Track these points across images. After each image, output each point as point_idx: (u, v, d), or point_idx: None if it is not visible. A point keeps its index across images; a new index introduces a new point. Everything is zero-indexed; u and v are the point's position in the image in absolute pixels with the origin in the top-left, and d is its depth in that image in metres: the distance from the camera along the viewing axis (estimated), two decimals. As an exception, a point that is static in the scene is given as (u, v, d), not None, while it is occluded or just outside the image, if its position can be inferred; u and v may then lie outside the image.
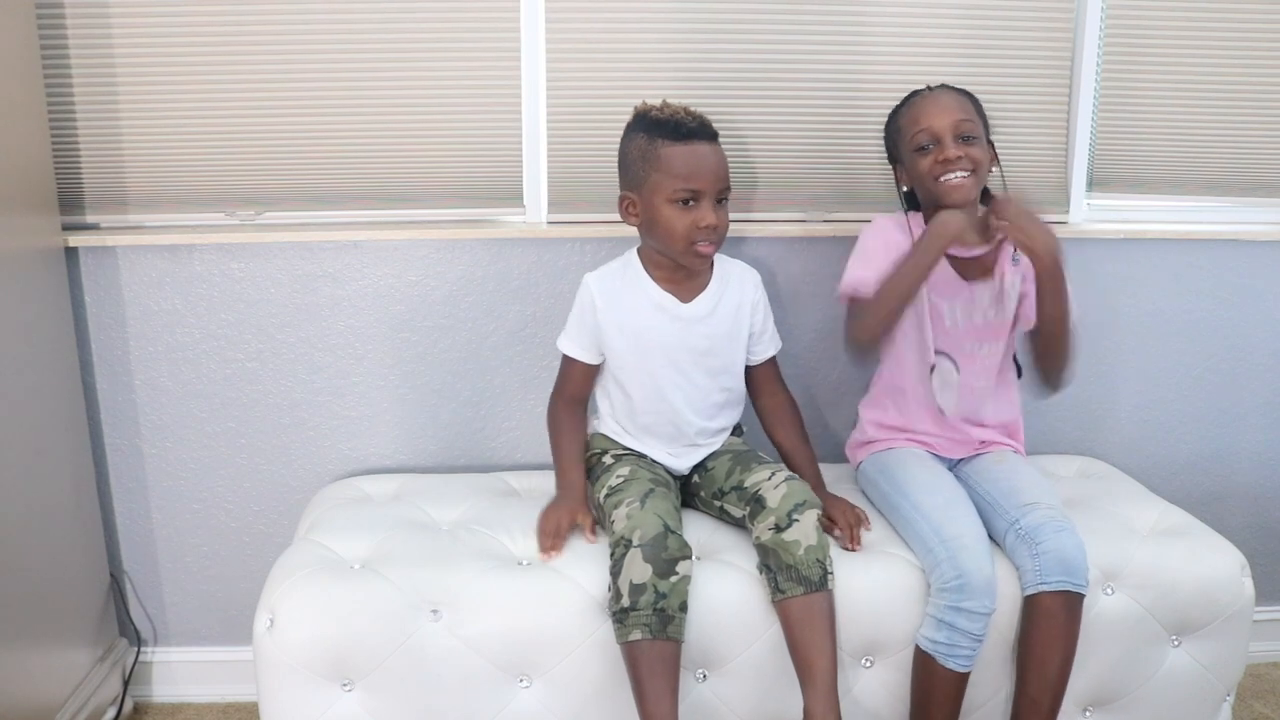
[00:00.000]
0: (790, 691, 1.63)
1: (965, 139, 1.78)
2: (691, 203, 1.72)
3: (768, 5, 2.04)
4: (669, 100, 1.78)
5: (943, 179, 1.78)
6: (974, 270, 1.88)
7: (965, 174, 1.78)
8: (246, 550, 2.16)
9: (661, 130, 1.73)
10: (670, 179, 1.72)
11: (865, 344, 1.80)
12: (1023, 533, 1.69)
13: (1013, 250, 1.83)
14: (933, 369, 1.89)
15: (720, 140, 1.78)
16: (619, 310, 1.81)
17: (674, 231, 1.73)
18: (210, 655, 2.20)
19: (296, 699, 1.62)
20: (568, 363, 1.87)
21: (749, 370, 1.91)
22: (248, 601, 2.14)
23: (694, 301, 1.83)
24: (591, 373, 1.87)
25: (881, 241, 1.86)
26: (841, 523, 1.77)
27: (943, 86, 1.84)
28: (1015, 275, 1.88)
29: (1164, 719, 1.79)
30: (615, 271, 1.85)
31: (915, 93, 1.86)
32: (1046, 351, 1.82)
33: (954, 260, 1.87)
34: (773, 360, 1.93)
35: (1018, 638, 1.70)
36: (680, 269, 1.82)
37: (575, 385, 1.88)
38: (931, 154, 1.79)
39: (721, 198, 1.76)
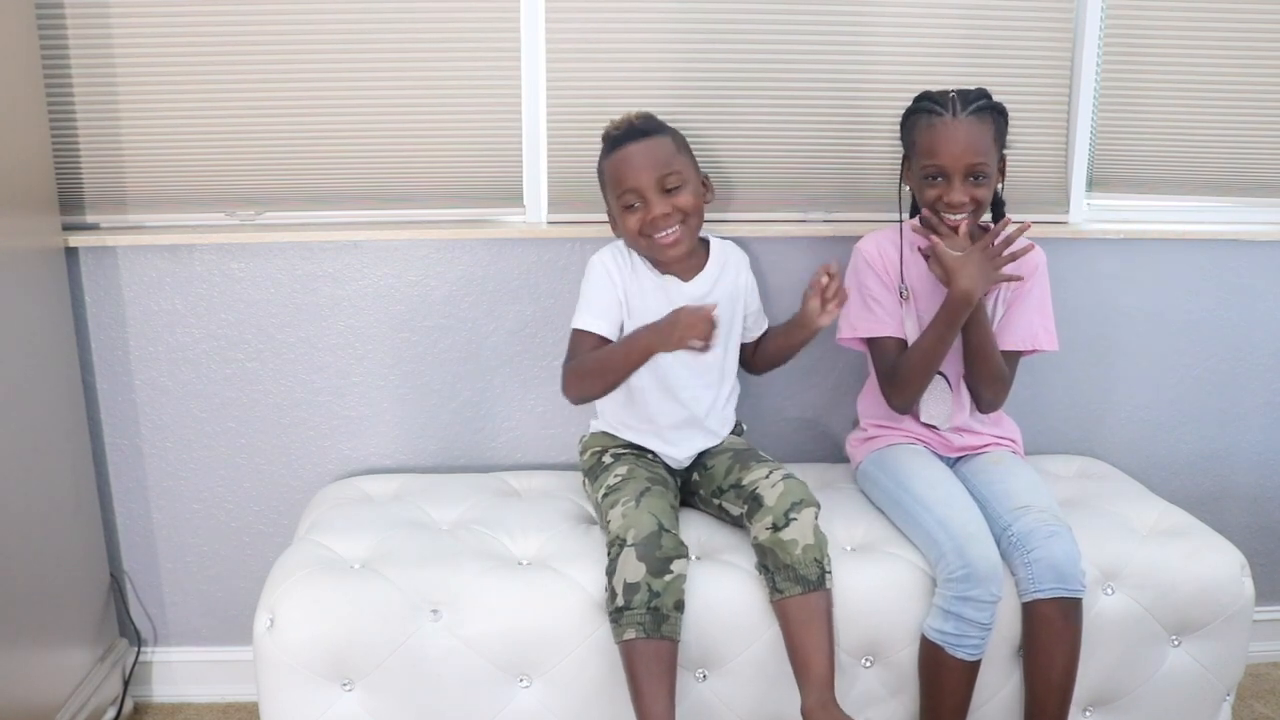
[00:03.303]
0: (790, 691, 1.63)
1: (976, 178, 1.77)
2: (638, 205, 1.77)
3: (767, 5, 2.03)
4: (627, 112, 1.82)
5: (944, 215, 1.80)
6: None
7: (965, 216, 1.78)
8: (246, 550, 2.16)
9: (605, 145, 1.82)
10: (612, 190, 1.80)
11: (907, 409, 1.90)
12: (1014, 539, 1.69)
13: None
14: None
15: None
16: (627, 285, 1.83)
17: (630, 232, 1.79)
18: (210, 655, 2.20)
19: (296, 699, 1.62)
20: (581, 337, 1.81)
21: (742, 348, 1.95)
22: (248, 601, 2.14)
23: (694, 280, 1.85)
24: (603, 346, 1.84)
25: (869, 273, 1.90)
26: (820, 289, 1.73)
27: (970, 107, 1.76)
28: (1009, 290, 1.88)
29: (1164, 719, 1.79)
30: (618, 252, 1.87)
31: (938, 108, 1.77)
32: (971, 374, 1.87)
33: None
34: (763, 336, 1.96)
35: (1021, 643, 1.70)
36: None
37: (591, 349, 1.84)
38: (938, 188, 1.78)
39: (670, 185, 1.77)
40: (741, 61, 2.06)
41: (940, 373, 1.89)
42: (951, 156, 1.76)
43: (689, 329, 1.59)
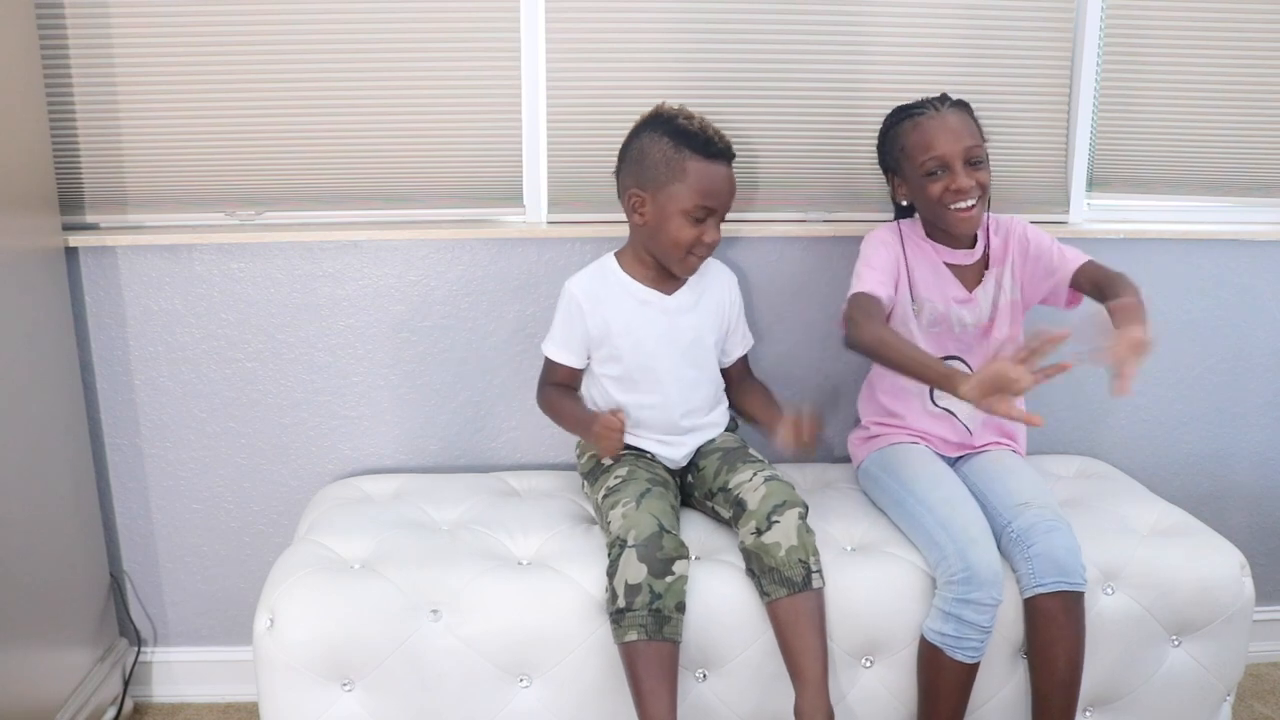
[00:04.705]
0: (791, 691, 1.63)
1: (974, 164, 1.78)
2: (703, 220, 1.75)
3: (768, 5, 2.04)
4: (695, 111, 1.79)
5: (953, 207, 1.78)
6: (973, 279, 1.89)
7: (974, 202, 1.78)
8: (246, 550, 2.16)
9: (692, 142, 1.75)
10: (692, 193, 1.74)
11: (860, 350, 1.77)
12: (1015, 536, 1.69)
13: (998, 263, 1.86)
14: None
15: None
16: (605, 310, 1.83)
17: (679, 241, 1.76)
18: (210, 655, 2.20)
19: (296, 699, 1.62)
20: (553, 365, 1.89)
21: (725, 371, 1.95)
22: (248, 601, 2.14)
23: (677, 293, 1.85)
24: (577, 375, 1.90)
25: (882, 248, 1.86)
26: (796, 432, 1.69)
27: (947, 103, 1.80)
28: (1005, 269, 1.88)
29: (1164, 719, 1.79)
30: (594, 274, 1.87)
31: (917, 109, 1.81)
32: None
33: (956, 271, 1.88)
34: (744, 357, 1.98)
35: (1025, 642, 1.70)
36: (664, 270, 1.84)
37: (560, 379, 1.90)
38: (943, 181, 1.78)
39: (723, 218, 1.80)
40: (741, 61, 2.06)
41: (960, 359, 1.88)
42: (949, 143, 1.76)
43: (598, 438, 1.72)
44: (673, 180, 1.74)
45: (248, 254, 2.05)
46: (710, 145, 1.75)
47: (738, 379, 1.98)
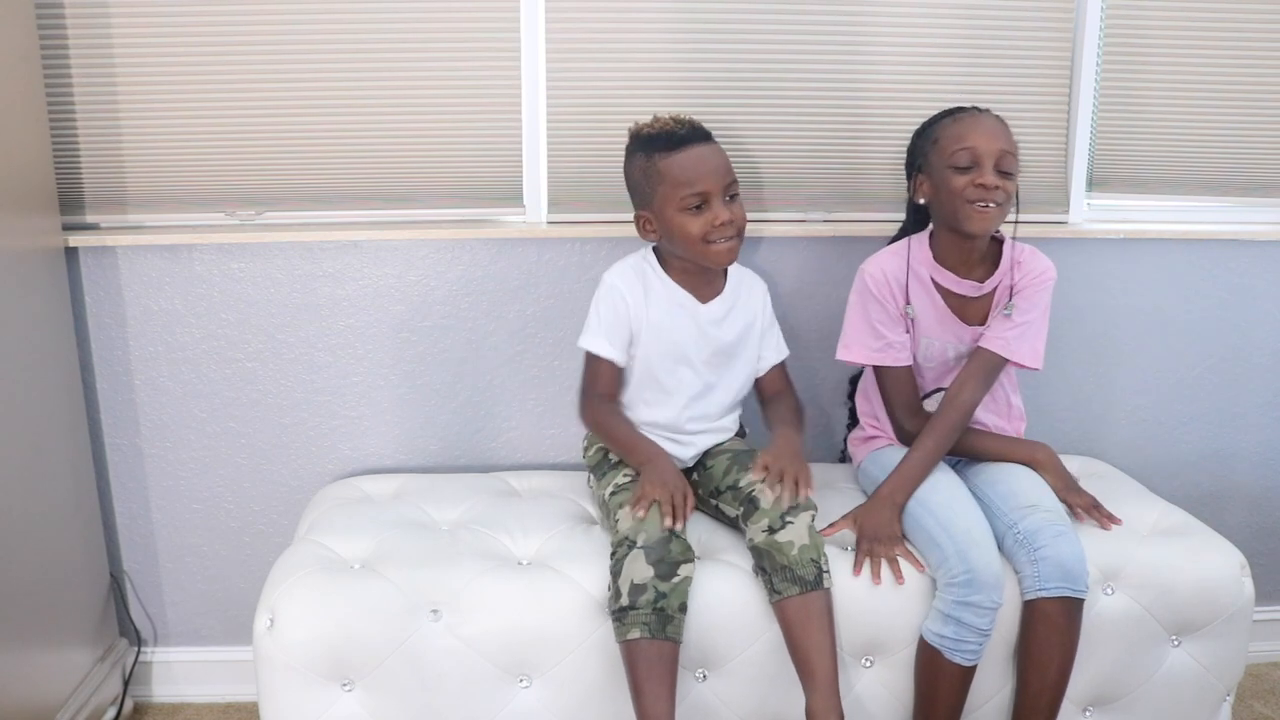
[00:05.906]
0: (791, 691, 1.63)
1: (1003, 172, 1.76)
2: (702, 206, 1.73)
3: (768, 6, 2.04)
4: (658, 114, 1.79)
5: (974, 203, 1.76)
6: (975, 315, 1.86)
7: (995, 206, 1.76)
8: (246, 550, 2.16)
9: (656, 144, 1.75)
10: (675, 188, 1.73)
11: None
12: (1021, 537, 1.69)
13: (1007, 298, 1.84)
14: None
15: (717, 138, 1.79)
16: (642, 305, 1.81)
17: (691, 236, 1.74)
18: (210, 655, 2.20)
19: (296, 699, 1.62)
20: (596, 362, 1.82)
21: (759, 382, 1.92)
22: (248, 601, 2.14)
23: (711, 303, 1.83)
24: (620, 374, 1.84)
25: (878, 307, 1.84)
26: (773, 473, 1.68)
27: (990, 112, 1.80)
28: (1011, 308, 1.86)
29: (1164, 719, 1.79)
30: (633, 267, 1.84)
31: (959, 109, 1.82)
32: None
33: (955, 306, 1.86)
34: (781, 366, 1.92)
35: (1018, 640, 1.70)
36: (701, 271, 1.82)
37: (605, 384, 1.83)
38: (970, 175, 1.76)
39: (731, 193, 1.77)
40: (741, 62, 2.06)
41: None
42: (985, 140, 1.75)
43: (658, 493, 1.64)
44: (656, 186, 1.75)
45: (248, 254, 2.05)
46: (672, 136, 1.74)
47: (770, 394, 1.92)
